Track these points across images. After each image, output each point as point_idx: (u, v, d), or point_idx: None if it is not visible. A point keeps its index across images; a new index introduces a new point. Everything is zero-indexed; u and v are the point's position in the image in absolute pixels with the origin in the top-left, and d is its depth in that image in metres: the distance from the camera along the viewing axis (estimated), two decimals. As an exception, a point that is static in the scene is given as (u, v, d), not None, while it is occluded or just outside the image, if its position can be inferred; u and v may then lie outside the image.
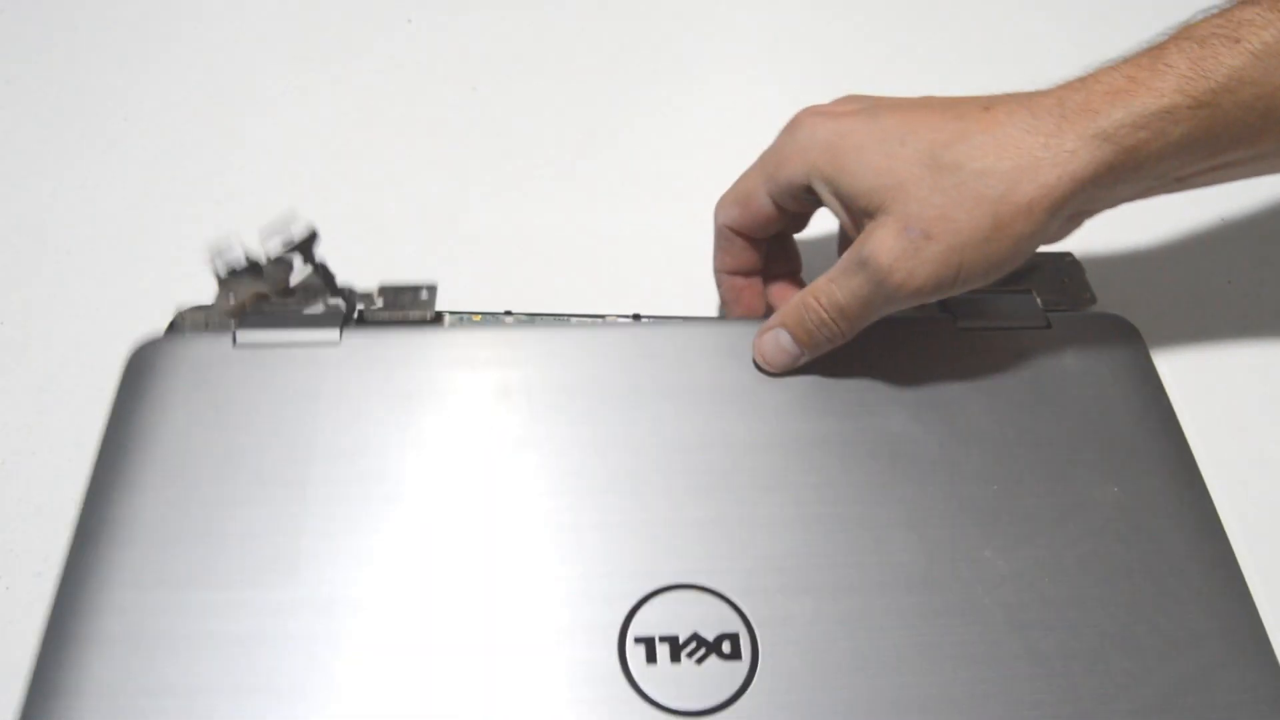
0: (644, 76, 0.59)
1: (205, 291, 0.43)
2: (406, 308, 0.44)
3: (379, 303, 0.44)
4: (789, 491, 0.38)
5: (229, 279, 0.43)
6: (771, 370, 0.41)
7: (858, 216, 0.37)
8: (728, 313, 0.44)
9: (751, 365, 0.41)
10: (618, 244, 0.50)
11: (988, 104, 0.36)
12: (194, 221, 0.51)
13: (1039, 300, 0.44)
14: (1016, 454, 0.40)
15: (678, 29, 0.62)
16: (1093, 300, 0.45)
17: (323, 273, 0.44)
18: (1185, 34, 0.35)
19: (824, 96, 0.42)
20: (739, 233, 0.42)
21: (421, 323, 0.44)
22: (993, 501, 0.38)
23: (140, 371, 0.41)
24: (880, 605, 0.36)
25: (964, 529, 0.38)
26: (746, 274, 0.43)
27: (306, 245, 0.43)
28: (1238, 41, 0.34)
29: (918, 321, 0.43)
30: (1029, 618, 0.36)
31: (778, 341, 0.40)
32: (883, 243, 0.36)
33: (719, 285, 0.44)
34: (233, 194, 0.52)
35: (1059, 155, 0.34)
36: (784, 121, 0.40)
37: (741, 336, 0.42)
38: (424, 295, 0.44)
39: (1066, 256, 0.47)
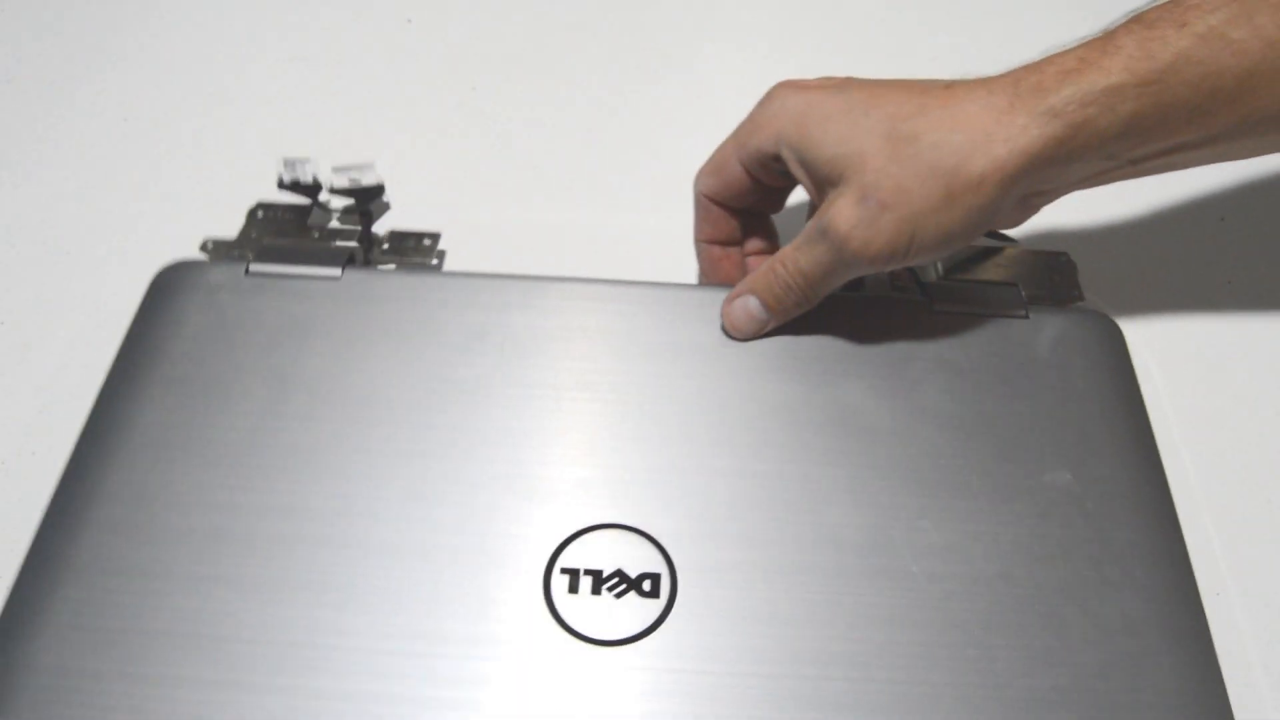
0: (644, 75, 0.59)
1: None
2: (410, 252, 0.47)
3: (385, 245, 0.47)
4: (735, 447, 0.39)
5: (290, 188, 0.47)
6: (740, 336, 0.42)
7: (821, 185, 0.38)
8: (705, 281, 0.46)
9: (718, 329, 0.42)
10: (616, 239, 0.51)
11: (950, 83, 0.37)
12: (190, 221, 0.51)
13: (1024, 293, 0.44)
14: (971, 433, 0.40)
15: (677, 26, 0.62)
16: (1080, 298, 0.45)
17: (365, 222, 0.47)
18: (1135, 19, 0.36)
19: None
20: (715, 201, 0.43)
21: (423, 268, 0.47)
22: (938, 475, 0.39)
23: (161, 291, 0.44)
24: (804, 561, 0.37)
25: (904, 498, 0.38)
26: (724, 244, 0.44)
27: (368, 194, 0.47)
28: (1184, 25, 0.35)
29: (893, 302, 0.44)
30: (954, 588, 0.36)
31: (746, 307, 0.42)
32: (841, 211, 0.37)
33: (698, 255, 0.45)
34: (230, 196, 0.52)
35: (1010, 130, 0.35)
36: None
37: (713, 302, 0.43)
38: (426, 242, 0.47)
39: (1061, 256, 0.47)
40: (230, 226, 0.49)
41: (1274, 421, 0.45)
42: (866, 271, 0.38)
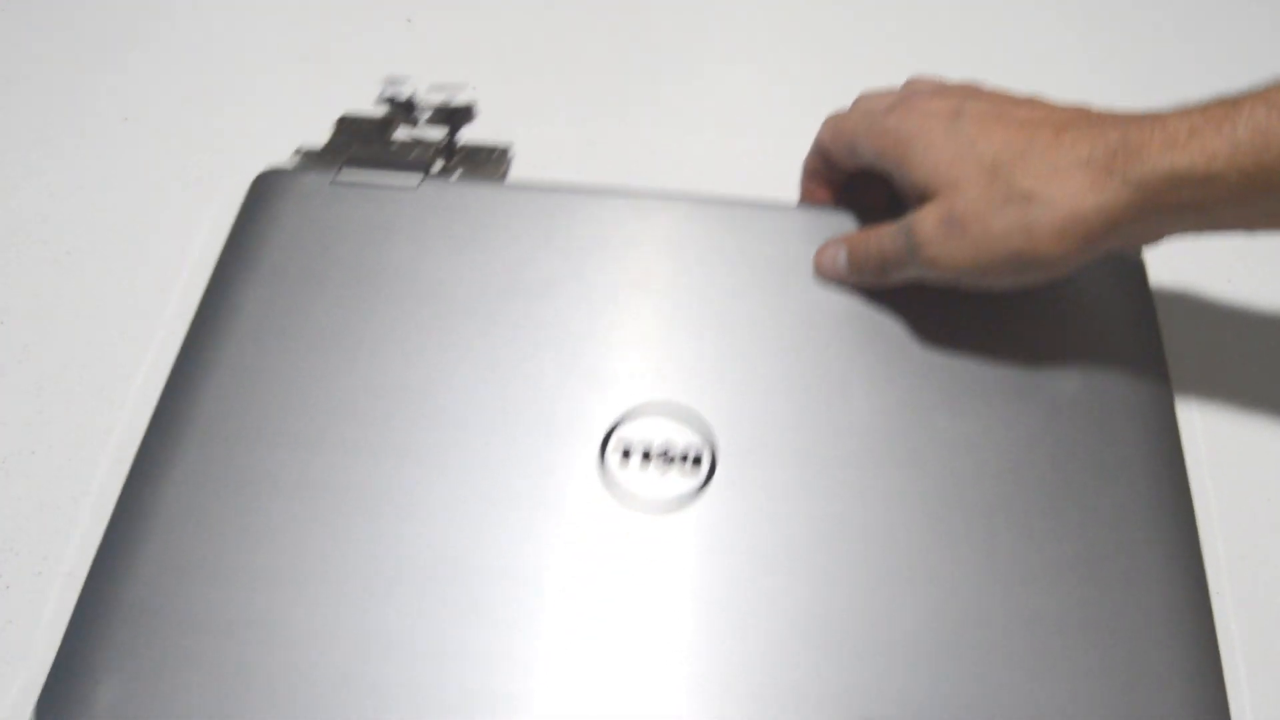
0: (647, 74, 0.59)
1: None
2: (481, 164, 0.51)
3: (459, 158, 0.51)
4: (772, 344, 0.44)
5: (389, 106, 0.52)
6: (821, 276, 0.46)
7: (916, 198, 0.42)
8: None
9: (766, 242, 0.46)
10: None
11: (1062, 125, 0.39)
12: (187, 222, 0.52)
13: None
14: (988, 337, 0.44)
15: (682, 22, 0.61)
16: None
17: (450, 136, 0.52)
18: (1266, 95, 0.35)
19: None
20: (827, 156, 0.47)
21: (493, 178, 0.51)
22: (957, 375, 0.43)
23: (258, 195, 0.49)
24: (830, 446, 0.41)
25: (924, 395, 0.42)
26: (824, 183, 0.48)
27: (460, 115, 0.51)
28: None
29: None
30: (964, 475, 0.40)
31: (835, 258, 0.45)
32: (925, 220, 0.40)
33: (801, 178, 0.50)
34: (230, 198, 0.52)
35: (1101, 196, 0.37)
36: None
37: (762, 219, 0.48)
38: (495, 155, 0.51)
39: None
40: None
41: (1273, 421, 0.45)
42: (936, 278, 0.41)
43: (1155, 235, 0.39)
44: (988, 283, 0.41)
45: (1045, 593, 0.38)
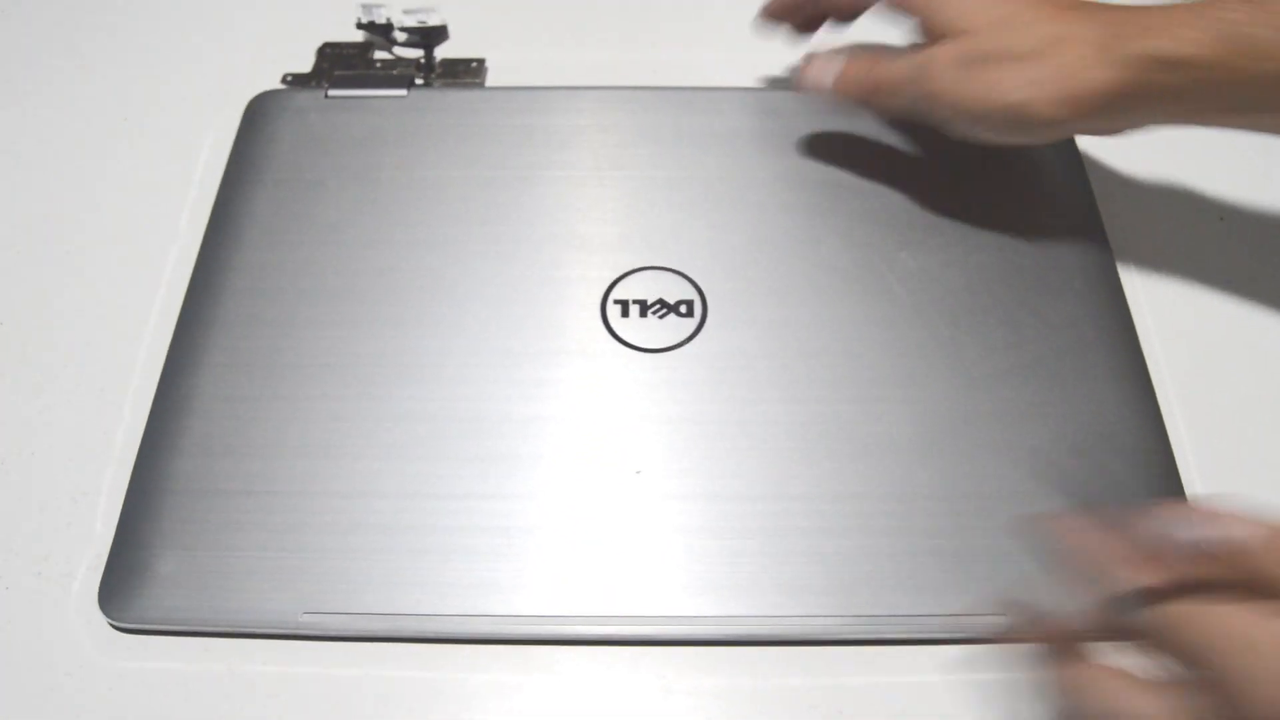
0: None
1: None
2: (460, 74, 0.55)
3: (439, 70, 0.55)
4: (747, 206, 0.48)
5: (366, 28, 0.55)
6: (802, 88, 0.47)
7: (932, 34, 0.44)
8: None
9: (737, 122, 0.51)
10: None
11: (1064, 5, 0.41)
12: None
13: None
14: (943, 188, 0.48)
15: None
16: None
17: (427, 55, 0.55)
18: None
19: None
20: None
21: (473, 86, 0.55)
22: (915, 217, 0.48)
23: (256, 113, 0.52)
24: (806, 284, 0.46)
25: (885, 240, 0.47)
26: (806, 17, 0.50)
27: (434, 35, 0.55)
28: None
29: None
30: (927, 299, 0.45)
31: (823, 71, 0.46)
32: (941, 54, 0.42)
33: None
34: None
35: (1095, 67, 0.39)
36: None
37: (729, 101, 0.52)
38: (474, 65, 0.55)
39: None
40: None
41: (1273, 418, 0.46)
42: (931, 114, 0.43)
43: (1139, 117, 0.41)
44: (976, 131, 0.43)
45: (1007, 390, 0.43)
